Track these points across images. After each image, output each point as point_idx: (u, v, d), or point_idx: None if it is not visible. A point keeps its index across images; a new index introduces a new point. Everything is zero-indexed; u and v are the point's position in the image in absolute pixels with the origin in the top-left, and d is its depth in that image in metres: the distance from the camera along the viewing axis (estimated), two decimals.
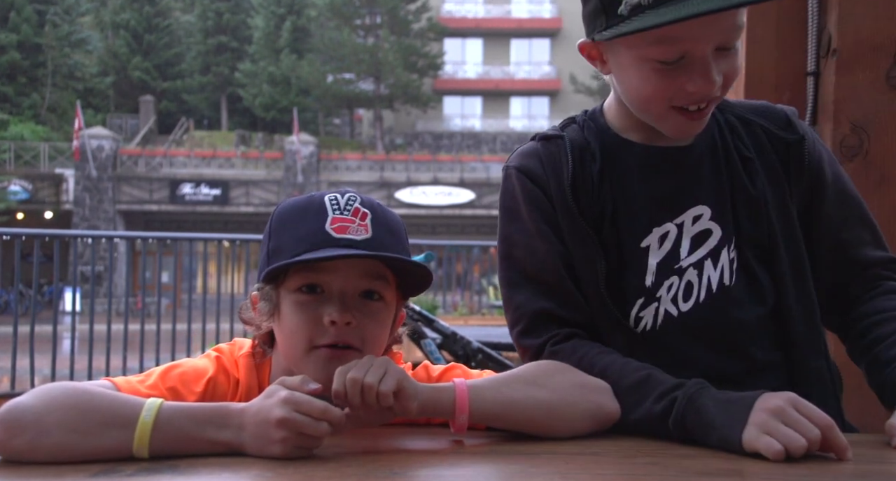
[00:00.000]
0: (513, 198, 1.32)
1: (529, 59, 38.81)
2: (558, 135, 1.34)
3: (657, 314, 1.27)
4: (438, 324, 3.71)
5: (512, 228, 1.31)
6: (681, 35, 1.13)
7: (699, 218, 1.29)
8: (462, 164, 28.82)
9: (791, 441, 0.98)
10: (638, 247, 1.28)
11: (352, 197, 1.11)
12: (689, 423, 1.08)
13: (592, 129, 1.34)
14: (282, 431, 0.94)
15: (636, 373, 1.16)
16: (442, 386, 1.06)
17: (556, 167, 1.30)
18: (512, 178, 1.32)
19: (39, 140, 28.79)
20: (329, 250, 1.06)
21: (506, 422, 1.08)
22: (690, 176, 1.30)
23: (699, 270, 1.27)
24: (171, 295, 9.97)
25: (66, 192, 26.47)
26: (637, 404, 1.14)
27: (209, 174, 27.49)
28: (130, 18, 34.84)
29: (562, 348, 1.23)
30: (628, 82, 1.23)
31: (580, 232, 1.27)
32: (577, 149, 1.31)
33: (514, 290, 1.29)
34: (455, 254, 10.17)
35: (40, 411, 0.92)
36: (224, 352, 1.19)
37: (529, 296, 1.27)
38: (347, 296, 1.10)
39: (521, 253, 1.29)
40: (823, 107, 1.84)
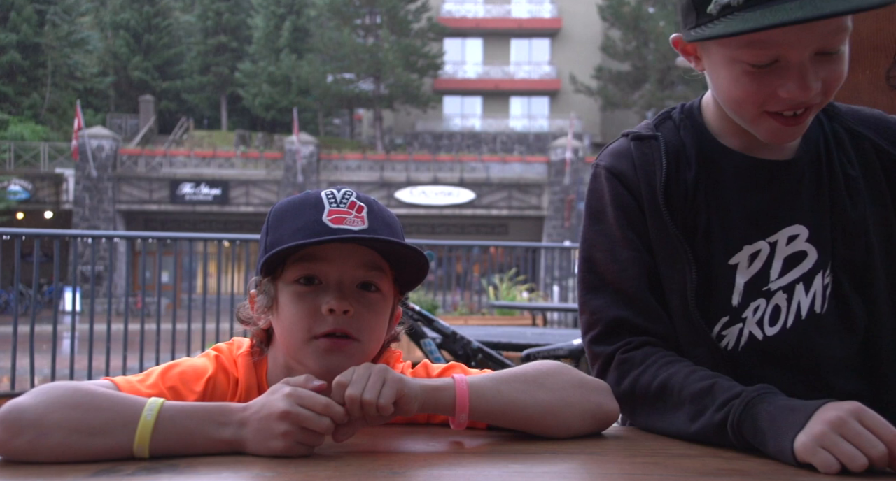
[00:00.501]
0: (600, 200, 1.27)
1: (529, 59, 38.80)
2: (652, 135, 1.27)
3: (741, 335, 1.21)
4: (438, 323, 3.71)
5: (595, 231, 1.26)
6: (774, 39, 1.05)
7: (795, 238, 1.21)
8: (462, 164, 28.81)
9: (850, 459, 0.90)
10: (726, 263, 1.21)
11: (348, 192, 1.13)
12: (745, 431, 1.02)
13: (689, 130, 1.27)
14: (284, 424, 0.94)
15: (701, 382, 1.10)
16: (442, 385, 1.06)
17: (648, 171, 1.23)
18: (601, 179, 1.27)
19: (39, 140, 28.78)
20: (324, 237, 1.07)
21: (505, 421, 1.08)
22: (789, 192, 1.22)
23: (789, 294, 1.21)
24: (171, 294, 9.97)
25: (66, 192, 26.47)
26: (699, 413, 1.08)
27: (209, 174, 27.49)
28: (130, 18, 34.83)
29: (632, 356, 1.19)
30: (720, 83, 1.16)
31: (671, 241, 1.21)
32: (673, 152, 1.24)
33: (592, 295, 1.25)
34: (455, 253, 10.17)
35: (41, 411, 0.92)
36: (223, 351, 1.19)
37: (607, 303, 1.23)
38: (345, 286, 1.10)
39: (602, 257, 1.24)
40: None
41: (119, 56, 34.74)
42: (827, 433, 0.93)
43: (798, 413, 0.97)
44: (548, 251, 11.85)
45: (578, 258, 1.30)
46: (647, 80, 33.44)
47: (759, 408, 1.01)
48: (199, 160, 28.05)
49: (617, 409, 1.14)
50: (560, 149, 27.75)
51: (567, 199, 27.08)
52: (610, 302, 1.23)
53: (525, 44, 38.88)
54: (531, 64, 38.66)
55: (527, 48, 38.88)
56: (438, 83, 37.21)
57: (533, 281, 10.60)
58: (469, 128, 37.73)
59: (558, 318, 9.13)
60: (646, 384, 1.16)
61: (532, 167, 28.69)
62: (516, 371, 1.12)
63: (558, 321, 9.13)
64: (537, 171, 28.40)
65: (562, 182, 27.36)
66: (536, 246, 12.79)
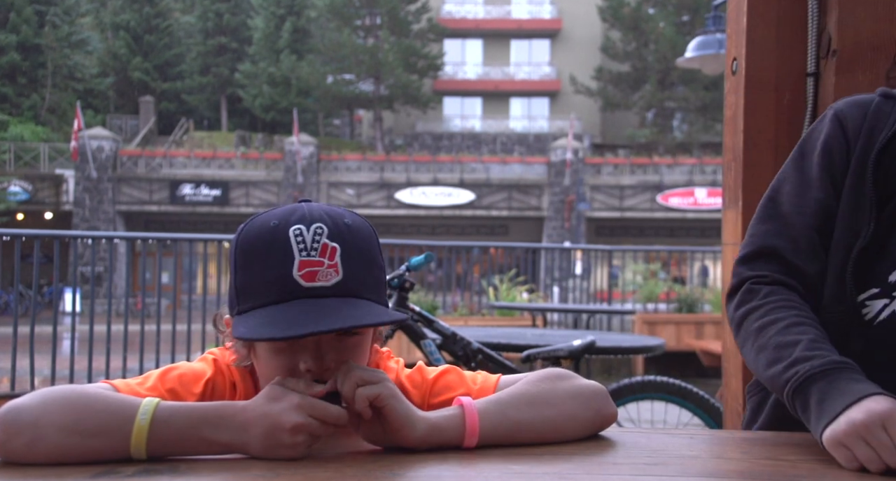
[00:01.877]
0: (814, 139, 1.29)
1: (529, 60, 38.80)
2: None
3: (882, 310, 1.21)
4: (438, 324, 3.71)
5: (796, 165, 1.29)
6: None
7: None
8: (462, 165, 28.81)
9: (868, 461, 0.96)
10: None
11: (318, 228, 1.03)
12: (797, 404, 1.08)
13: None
14: (297, 437, 0.95)
15: (791, 336, 1.15)
16: (449, 414, 1.04)
17: (876, 125, 1.23)
18: (826, 120, 1.29)
19: (39, 141, 28.78)
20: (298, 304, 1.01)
21: (511, 442, 1.07)
22: None
23: None
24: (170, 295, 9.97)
25: (66, 193, 26.47)
26: (775, 361, 1.13)
27: (209, 175, 27.49)
28: (130, 19, 34.83)
29: (759, 289, 1.24)
30: None
31: (861, 196, 1.21)
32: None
33: (762, 220, 1.28)
34: (455, 254, 10.17)
35: (37, 413, 0.92)
36: (218, 356, 1.18)
37: (770, 231, 1.26)
38: (322, 342, 1.05)
39: (790, 190, 1.27)
40: (823, 108, 1.84)
41: (119, 57, 34.74)
42: (851, 434, 0.97)
43: (841, 400, 1.02)
44: (548, 252, 11.85)
45: (772, 183, 1.33)
46: (647, 80, 33.44)
47: (815, 387, 1.06)
48: (199, 161, 28.05)
49: (615, 412, 1.15)
50: (560, 150, 27.75)
51: (567, 200, 27.08)
52: (774, 231, 1.26)
53: (525, 44, 38.89)
54: (531, 65, 38.66)
55: (527, 49, 38.88)
56: (438, 84, 37.21)
57: (533, 282, 10.61)
58: (469, 129, 37.73)
59: (558, 319, 9.13)
60: (754, 318, 1.21)
61: (532, 168, 28.69)
62: (519, 391, 1.11)
63: (558, 322, 9.13)
64: (537, 172, 28.40)
65: (562, 183, 27.35)
66: (536, 246, 12.79)
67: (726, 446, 1.08)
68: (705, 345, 8.28)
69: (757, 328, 1.20)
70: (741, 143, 1.91)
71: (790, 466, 0.97)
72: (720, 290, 5.76)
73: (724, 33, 7.14)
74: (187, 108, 36.76)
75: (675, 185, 27.96)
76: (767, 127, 1.90)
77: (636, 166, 28.77)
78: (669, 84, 33.37)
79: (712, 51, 8.57)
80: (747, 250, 1.28)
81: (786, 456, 1.02)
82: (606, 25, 34.76)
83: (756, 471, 0.95)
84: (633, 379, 3.80)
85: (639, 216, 28.21)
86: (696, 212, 27.52)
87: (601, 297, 10.77)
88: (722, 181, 2.05)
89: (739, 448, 1.07)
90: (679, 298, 9.59)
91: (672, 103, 33.71)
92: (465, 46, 39.04)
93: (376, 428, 1.00)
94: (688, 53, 9.00)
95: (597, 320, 8.21)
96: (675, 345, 8.35)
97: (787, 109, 1.89)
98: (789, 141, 1.89)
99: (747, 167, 1.91)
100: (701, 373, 8.13)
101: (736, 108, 1.94)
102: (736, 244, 1.94)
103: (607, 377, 8.22)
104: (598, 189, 28.00)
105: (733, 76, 1.95)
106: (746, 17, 1.83)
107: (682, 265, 13.14)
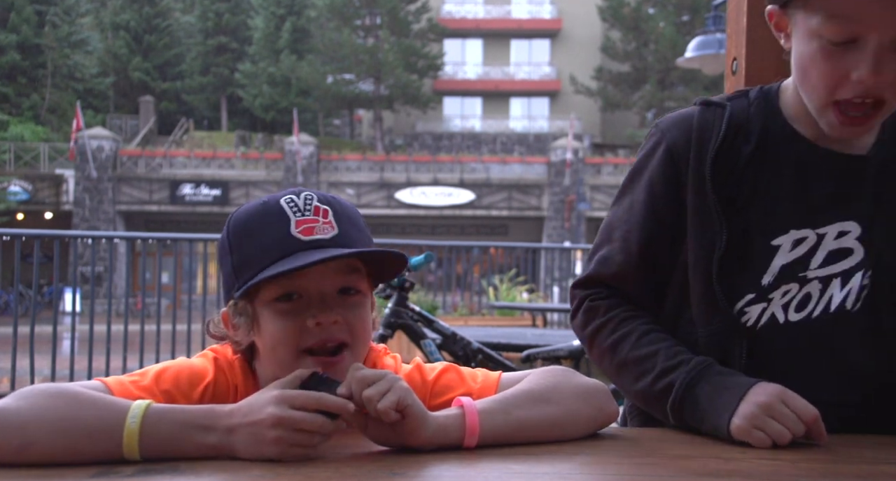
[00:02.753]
0: (644, 159, 1.31)
1: (529, 60, 38.80)
2: (721, 103, 1.27)
3: (762, 315, 1.22)
4: (438, 324, 3.71)
5: (626, 187, 1.33)
6: (857, 14, 1.05)
7: (845, 234, 1.20)
8: (462, 165, 28.81)
9: (779, 436, 1.06)
10: (769, 244, 1.21)
11: (308, 195, 1.08)
12: (686, 412, 1.16)
13: (760, 108, 1.26)
14: (276, 430, 0.93)
15: (647, 347, 1.22)
16: (451, 414, 1.04)
17: (704, 137, 1.24)
18: (653, 138, 1.30)
19: (39, 140, 28.78)
20: (303, 255, 1.03)
21: (514, 441, 1.06)
22: (851, 188, 1.21)
23: (824, 286, 1.20)
24: (171, 295, 9.97)
25: (66, 193, 26.47)
26: (641, 375, 1.21)
27: (209, 175, 27.49)
28: (130, 19, 34.83)
29: (598, 305, 1.30)
30: (797, 60, 1.16)
31: (707, 209, 1.22)
32: (735, 124, 1.24)
33: (597, 246, 1.35)
34: (455, 254, 10.17)
35: (25, 418, 0.91)
36: (220, 353, 1.16)
37: (604, 255, 1.32)
38: (327, 296, 1.07)
39: (619, 214, 1.32)
40: None
41: (119, 57, 34.74)
42: (759, 415, 1.07)
43: (732, 392, 1.11)
44: (548, 252, 11.85)
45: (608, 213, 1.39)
46: (647, 80, 33.45)
47: (697, 391, 1.14)
48: (199, 161, 28.06)
49: (616, 410, 1.15)
50: (560, 150, 27.75)
51: (567, 200, 27.08)
52: (607, 255, 1.31)
53: (525, 44, 38.88)
54: (531, 65, 38.66)
55: (527, 49, 38.88)
56: (438, 84, 37.21)
57: (533, 281, 10.60)
58: (469, 129, 37.73)
59: (558, 319, 9.12)
60: (605, 335, 1.28)
61: (532, 168, 28.69)
62: (522, 389, 1.11)
63: (558, 322, 9.13)
64: (537, 172, 28.40)
65: (562, 183, 27.35)
66: (536, 246, 12.79)
67: (726, 445, 1.08)
68: None
69: (610, 345, 1.26)
70: None
71: (790, 465, 0.97)
72: None
73: (724, 33, 7.14)
74: (187, 108, 36.76)
75: None
76: None
77: None
78: (669, 84, 33.37)
79: (712, 51, 8.57)
80: (582, 275, 1.35)
81: (785, 455, 1.03)
82: (606, 25, 34.75)
83: (755, 471, 0.95)
84: None
85: None
86: None
87: None
88: None
89: (739, 447, 1.07)
90: None
91: (672, 103, 33.69)
92: (465, 46, 39.04)
93: (384, 427, 0.99)
94: (688, 53, 9.00)
95: None
96: None
97: None
98: None
99: None
100: None
101: None
102: None
103: (607, 376, 8.20)
104: (598, 189, 28.00)
105: (733, 76, 1.95)
106: (746, 16, 1.83)
107: None
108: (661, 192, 1.27)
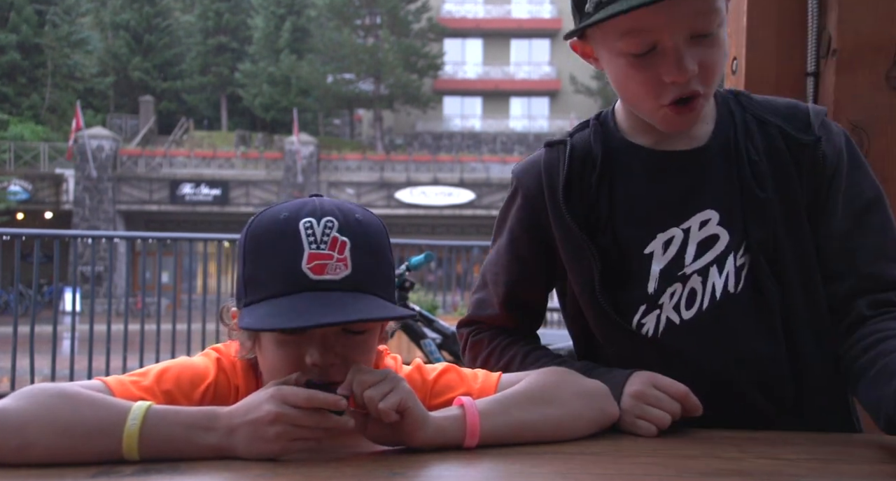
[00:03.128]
0: (505, 209, 1.41)
1: (529, 60, 38.81)
2: (562, 141, 1.34)
3: (658, 321, 1.26)
4: (438, 324, 3.71)
5: (495, 234, 1.44)
6: (645, 25, 1.12)
7: (707, 223, 1.25)
8: (462, 165, 28.81)
9: (659, 420, 1.13)
10: (642, 253, 1.26)
11: (329, 222, 1.03)
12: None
13: (599, 134, 1.33)
14: (275, 427, 0.93)
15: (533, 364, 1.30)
16: (451, 414, 1.04)
17: (553, 174, 1.31)
18: (511, 186, 1.40)
19: (39, 140, 28.79)
20: (308, 297, 1.00)
21: (515, 441, 1.06)
22: (699, 179, 1.26)
23: (704, 277, 1.25)
24: (171, 295, 9.97)
25: (66, 193, 26.47)
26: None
27: (209, 174, 27.49)
28: (130, 18, 34.83)
29: (480, 339, 1.42)
30: (613, 79, 1.23)
31: (574, 238, 1.28)
32: (578, 156, 1.31)
33: (476, 287, 1.47)
34: (455, 254, 10.17)
35: (24, 418, 0.91)
36: (223, 353, 1.16)
37: (480, 299, 1.44)
38: (329, 335, 1.04)
39: (492, 258, 1.43)
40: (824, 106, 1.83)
41: (119, 56, 34.74)
42: (635, 404, 1.15)
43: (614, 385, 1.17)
44: None
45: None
46: None
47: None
48: (199, 160, 28.05)
49: (617, 411, 1.15)
50: None
51: None
52: (482, 298, 1.44)
53: (525, 44, 38.89)
54: (531, 64, 38.67)
55: (527, 48, 38.88)
56: (438, 83, 37.22)
57: None
58: (469, 129, 37.74)
59: (558, 319, 9.13)
60: (493, 363, 1.38)
61: None
62: (524, 389, 1.11)
63: (558, 321, 9.14)
64: None
65: None
66: None
67: (726, 445, 1.08)
68: None
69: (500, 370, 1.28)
70: None
71: (789, 465, 0.97)
72: None
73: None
74: (187, 108, 36.76)
75: None
76: None
77: None
78: None
79: None
80: (465, 317, 1.48)
81: (785, 455, 1.03)
82: None
83: (755, 470, 0.95)
84: None
85: None
86: None
87: None
88: None
89: (739, 447, 1.07)
90: None
91: None
92: (465, 46, 39.04)
93: (384, 428, 0.99)
94: None
95: None
96: None
97: None
98: None
99: None
100: None
101: None
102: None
103: None
104: None
105: (733, 76, 1.95)
106: (746, 16, 1.83)
107: None
108: (521, 236, 1.36)
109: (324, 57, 33.75)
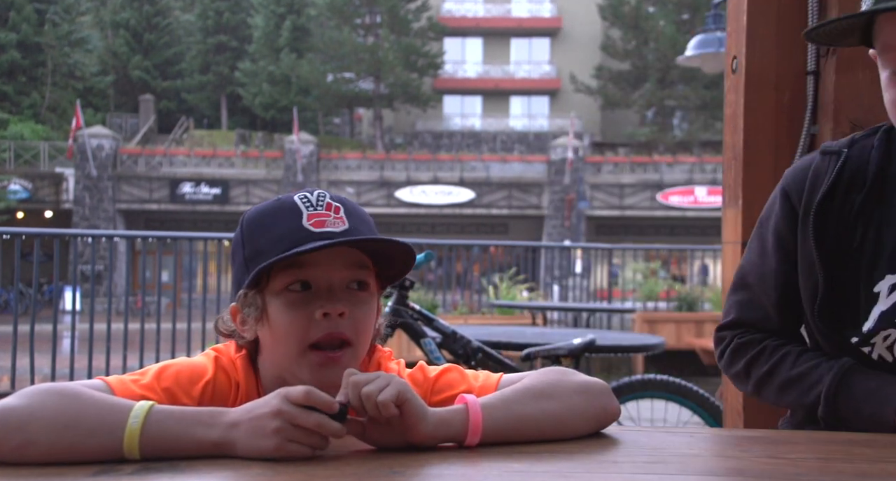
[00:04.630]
0: (770, 205, 1.37)
1: (529, 59, 38.78)
2: (838, 151, 1.28)
3: (871, 354, 1.24)
4: (438, 323, 3.71)
5: (756, 235, 1.39)
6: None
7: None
8: (462, 164, 28.80)
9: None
10: (870, 291, 1.21)
11: (321, 193, 1.12)
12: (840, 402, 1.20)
13: (882, 150, 1.25)
14: (275, 421, 0.93)
15: (807, 363, 1.26)
16: (453, 409, 1.04)
17: (816, 183, 1.26)
18: (778, 188, 1.36)
19: (39, 139, 28.77)
20: (314, 243, 1.06)
21: (516, 438, 1.06)
22: None
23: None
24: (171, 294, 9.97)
25: (66, 192, 26.46)
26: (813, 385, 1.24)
27: (209, 173, 27.48)
28: (130, 17, 34.81)
29: (749, 340, 1.35)
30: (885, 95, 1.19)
31: (809, 255, 1.24)
32: (849, 172, 1.24)
33: (733, 291, 1.41)
34: (455, 253, 10.16)
35: (26, 417, 0.91)
36: (222, 352, 1.17)
37: (740, 300, 1.38)
38: (336, 289, 1.09)
39: (751, 259, 1.38)
40: (823, 106, 1.84)
41: (119, 55, 34.72)
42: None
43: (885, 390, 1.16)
44: (548, 250, 11.86)
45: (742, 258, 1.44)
46: (647, 79, 33.41)
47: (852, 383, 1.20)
48: (199, 159, 28.04)
49: (618, 409, 1.15)
50: (560, 149, 27.73)
51: (567, 199, 27.07)
52: (744, 300, 1.37)
53: (525, 43, 38.86)
54: (531, 63, 38.64)
55: (527, 47, 38.85)
56: (438, 82, 37.19)
57: (533, 280, 10.61)
58: (469, 128, 37.72)
59: (558, 318, 9.13)
60: (761, 363, 1.32)
61: (532, 166, 28.68)
62: (523, 386, 1.11)
63: (558, 320, 9.14)
64: (537, 171, 28.39)
65: (562, 181, 27.34)
66: (536, 245, 12.80)
67: (726, 444, 1.08)
68: (705, 344, 8.27)
69: (769, 370, 1.30)
70: (741, 142, 1.91)
71: (790, 464, 0.97)
72: (720, 289, 5.76)
73: (724, 32, 7.13)
74: (187, 107, 36.73)
75: (675, 184, 27.94)
76: (767, 125, 1.90)
77: (636, 165, 28.75)
78: (669, 82, 33.33)
79: (712, 49, 8.56)
80: (725, 320, 1.41)
81: (786, 454, 1.03)
82: (606, 24, 34.72)
83: (756, 470, 0.95)
84: (633, 378, 3.80)
85: (639, 214, 28.20)
86: (696, 211, 27.50)
87: (601, 296, 10.77)
88: (722, 180, 2.05)
89: (739, 446, 1.07)
90: (679, 297, 9.59)
91: (672, 102, 33.70)
92: (465, 45, 39.01)
93: (383, 429, 0.99)
94: (688, 52, 8.99)
95: (597, 318, 8.21)
96: (675, 343, 8.34)
97: (788, 108, 1.89)
98: (789, 139, 1.89)
99: (747, 166, 1.91)
100: (701, 372, 8.12)
101: (736, 107, 1.94)
102: (736, 243, 1.94)
103: (607, 375, 8.22)
104: (598, 187, 27.99)
105: (733, 74, 1.95)
106: (746, 15, 1.83)
107: (682, 263, 13.15)
108: (788, 237, 1.31)
109: (324, 56, 33.72)
